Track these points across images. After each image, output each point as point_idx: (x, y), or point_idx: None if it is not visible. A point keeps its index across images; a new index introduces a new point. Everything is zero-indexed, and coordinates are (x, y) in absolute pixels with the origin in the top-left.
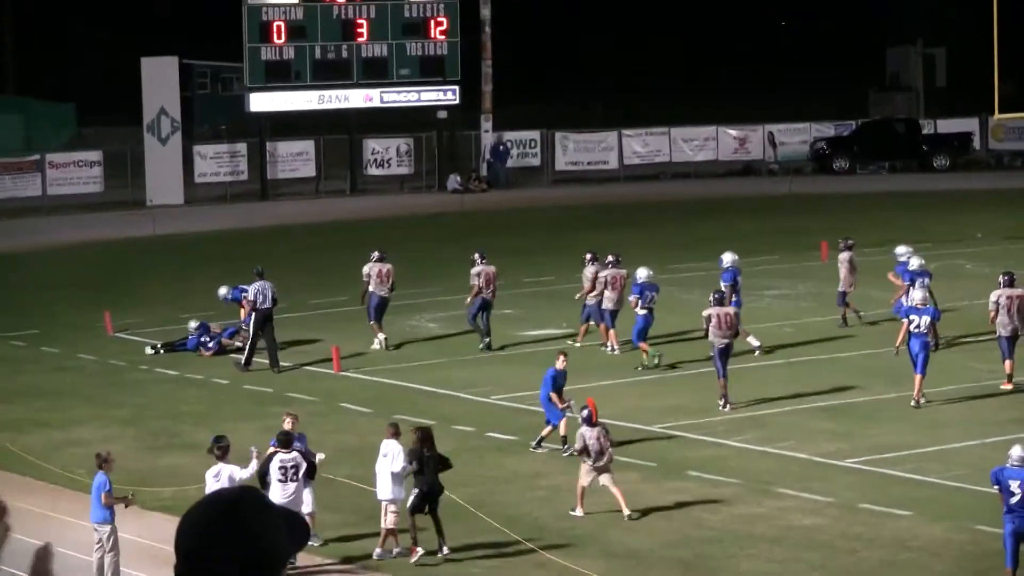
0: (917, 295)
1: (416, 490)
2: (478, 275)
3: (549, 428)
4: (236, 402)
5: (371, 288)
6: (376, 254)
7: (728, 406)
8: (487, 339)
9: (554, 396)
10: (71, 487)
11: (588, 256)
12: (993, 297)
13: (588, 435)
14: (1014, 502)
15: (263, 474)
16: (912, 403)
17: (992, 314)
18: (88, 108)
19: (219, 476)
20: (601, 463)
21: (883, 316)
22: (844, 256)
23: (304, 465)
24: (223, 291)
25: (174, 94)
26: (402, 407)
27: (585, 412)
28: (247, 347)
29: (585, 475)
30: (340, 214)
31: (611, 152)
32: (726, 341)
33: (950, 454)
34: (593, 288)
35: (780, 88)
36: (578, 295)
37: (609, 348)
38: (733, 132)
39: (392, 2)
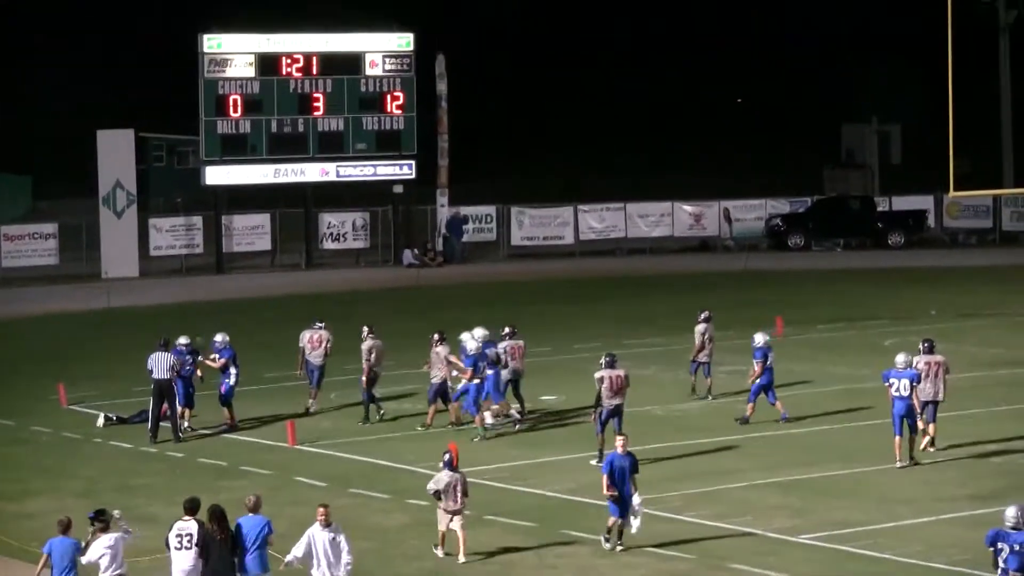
0: (900, 358)
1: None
2: (368, 350)
3: (612, 520)
4: (190, 475)
5: (306, 355)
6: (315, 323)
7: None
8: (380, 411)
9: (608, 485)
10: (23, 558)
11: (436, 337)
12: (914, 363)
13: (445, 478)
14: (1006, 566)
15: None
16: (898, 464)
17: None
18: (44, 180)
19: (114, 547)
20: (455, 509)
21: (838, 391)
22: (701, 328)
23: (195, 537)
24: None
25: (130, 167)
26: (357, 481)
27: (447, 456)
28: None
29: (442, 520)
30: (296, 288)
31: (567, 227)
32: (616, 402)
33: (905, 530)
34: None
35: (736, 164)
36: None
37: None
38: (689, 208)
39: (348, 76)
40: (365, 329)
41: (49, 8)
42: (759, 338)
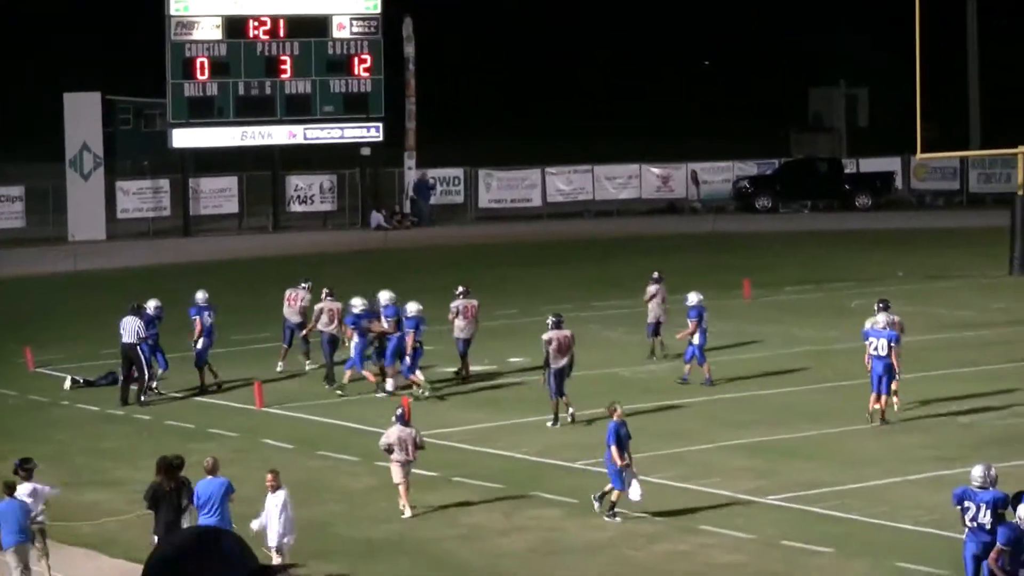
0: (880, 318)
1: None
2: (319, 311)
3: (617, 492)
4: (157, 438)
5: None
6: (302, 282)
7: (558, 423)
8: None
9: (615, 452)
10: None
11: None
12: (878, 321)
13: (396, 433)
14: (974, 524)
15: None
16: (872, 423)
17: (870, 352)
18: (9, 143)
19: (33, 494)
20: (404, 461)
21: (805, 353)
22: (653, 288)
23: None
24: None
25: (97, 130)
26: (324, 444)
27: (399, 411)
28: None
29: (396, 473)
30: (263, 250)
31: (534, 190)
32: (562, 363)
33: (871, 491)
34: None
35: (703, 127)
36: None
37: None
38: (656, 170)
39: (315, 39)
40: (324, 291)
41: None
42: (693, 297)
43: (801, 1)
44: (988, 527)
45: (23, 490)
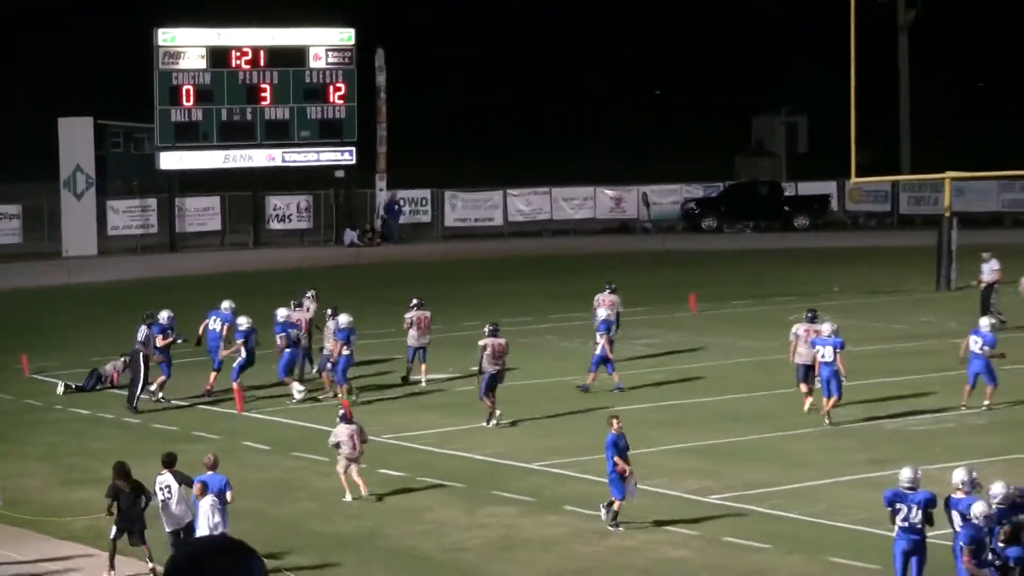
0: (825, 327)
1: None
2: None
3: (618, 502)
4: (144, 440)
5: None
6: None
7: (493, 422)
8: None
9: (619, 461)
10: None
11: (329, 312)
12: (793, 329)
13: (343, 431)
14: (905, 523)
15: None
16: (826, 422)
17: (792, 344)
18: (7, 165)
19: None
20: (352, 456)
21: (748, 363)
22: (608, 299)
23: (170, 486)
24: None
25: (89, 152)
26: (299, 446)
27: (341, 412)
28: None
29: (340, 464)
30: (244, 266)
31: (496, 210)
32: (496, 367)
33: (808, 491)
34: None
35: (654, 152)
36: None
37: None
38: (610, 192)
39: (293, 69)
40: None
41: (10, 2)
42: (602, 312)
43: (745, 35)
44: (919, 526)
45: None
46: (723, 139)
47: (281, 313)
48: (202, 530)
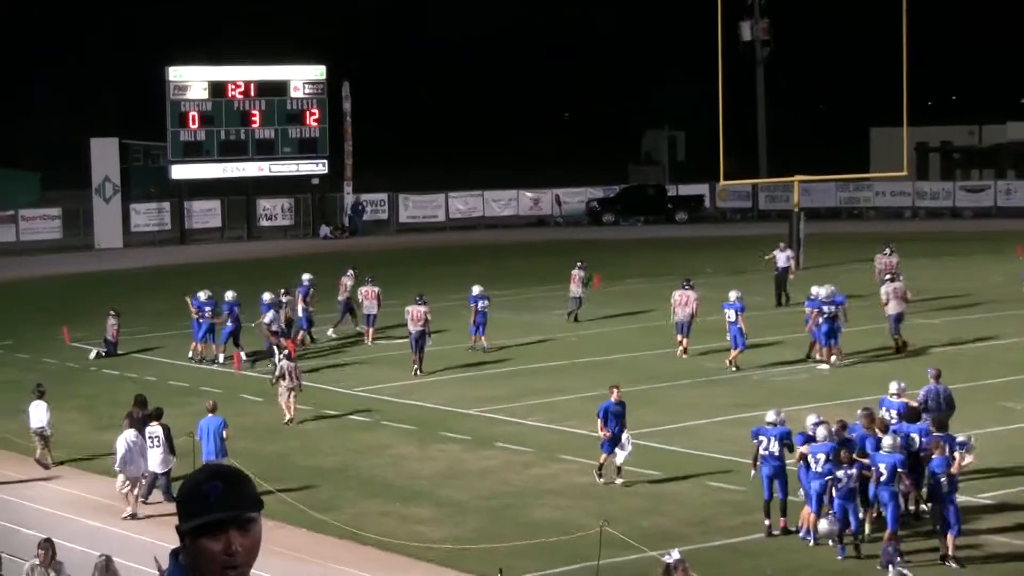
0: (732, 295)
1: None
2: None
3: (604, 456)
4: (162, 393)
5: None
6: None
7: (417, 372)
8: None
9: (600, 423)
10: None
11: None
12: (673, 295)
13: (286, 365)
14: (766, 452)
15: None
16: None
17: (672, 306)
18: (50, 176)
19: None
20: (291, 386)
21: (639, 328)
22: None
23: (163, 437)
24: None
25: (115, 166)
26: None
27: (286, 351)
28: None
29: (281, 394)
30: (239, 255)
31: (440, 209)
32: (418, 329)
33: (689, 429)
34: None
35: (564, 161)
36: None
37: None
38: (530, 194)
39: (278, 98)
40: (282, 290)
41: (51, 43)
42: (476, 288)
43: (636, 69)
44: (777, 454)
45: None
46: (618, 151)
47: (229, 295)
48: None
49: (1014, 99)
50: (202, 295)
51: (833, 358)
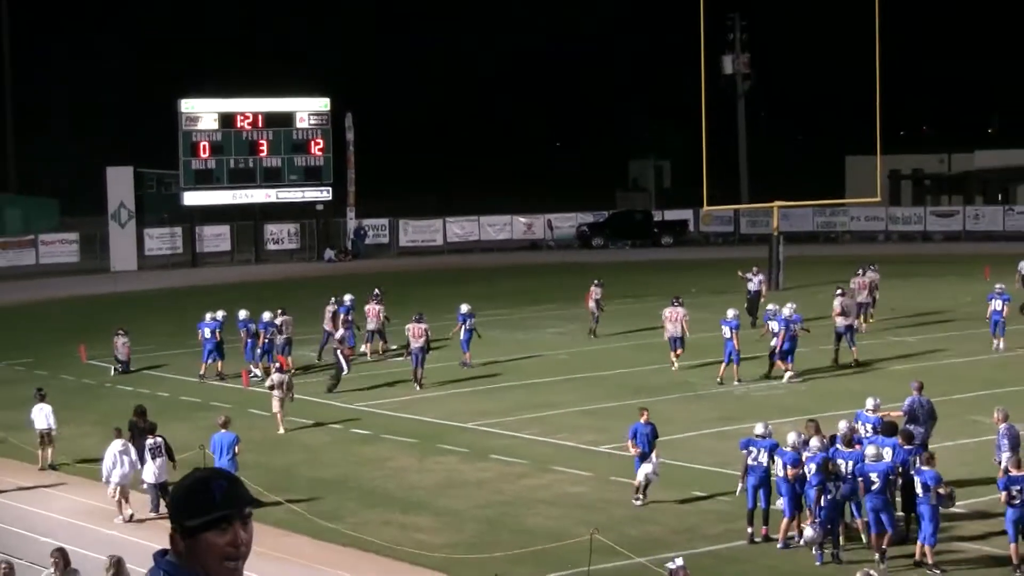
0: (729, 312)
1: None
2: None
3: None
4: (174, 408)
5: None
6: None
7: (418, 387)
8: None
9: (633, 444)
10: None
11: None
12: (664, 312)
13: (277, 377)
14: (755, 463)
15: (140, 452)
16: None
17: (664, 322)
18: (69, 202)
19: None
20: (283, 397)
21: (629, 346)
22: (594, 291)
23: (163, 447)
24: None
25: (130, 193)
26: (291, 411)
27: (277, 365)
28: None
29: (275, 402)
30: (248, 277)
31: (438, 233)
32: (418, 345)
33: (675, 442)
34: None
35: (556, 188)
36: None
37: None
38: (523, 219)
39: (284, 128)
40: (279, 311)
41: (68, 78)
42: (464, 307)
43: (623, 99)
44: (765, 464)
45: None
46: (608, 179)
47: (242, 313)
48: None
49: (981, 129)
50: (242, 314)
51: (788, 374)
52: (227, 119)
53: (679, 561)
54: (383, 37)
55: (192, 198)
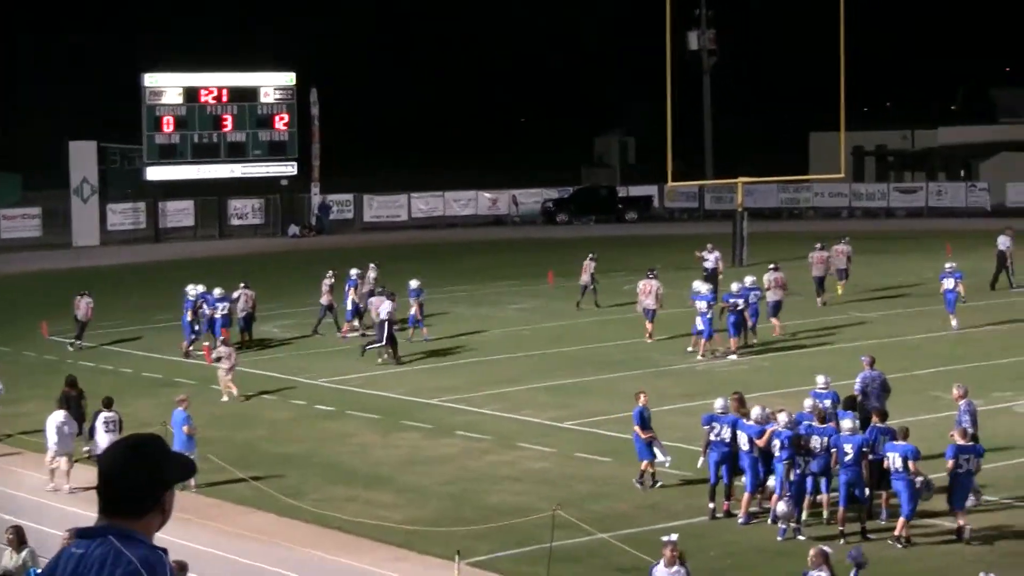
0: (703, 288)
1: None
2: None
3: (645, 463)
4: (136, 384)
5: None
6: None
7: (380, 359)
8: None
9: (638, 429)
10: (21, 445)
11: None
12: (639, 284)
13: (224, 350)
14: (717, 439)
15: (91, 428)
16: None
17: (639, 295)
18: (31, 177)
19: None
20: (229, 366)
21: (592, 322)
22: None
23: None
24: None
25: (93, 167)
26: (254, 387)
27: (222, 339)
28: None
29: (223, 375)
30: (212, 252)
31: (403, 209)
32: (382, 318)
33: None
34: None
35: (521, 163)
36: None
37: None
38: (488, 195)
39: (248, 103)
40: (241, 284)
41: (32, 50)
42: (413, 283)
43: (590, 77)
44: (728, 440)
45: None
46: (572, 154)
47: (191, 291)
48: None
49: (945, 106)
50: (217, 291)
51: (733, 355)
52: (191, 93)
53: (673, 536)
54: (348, 12)
55: (156, 173)
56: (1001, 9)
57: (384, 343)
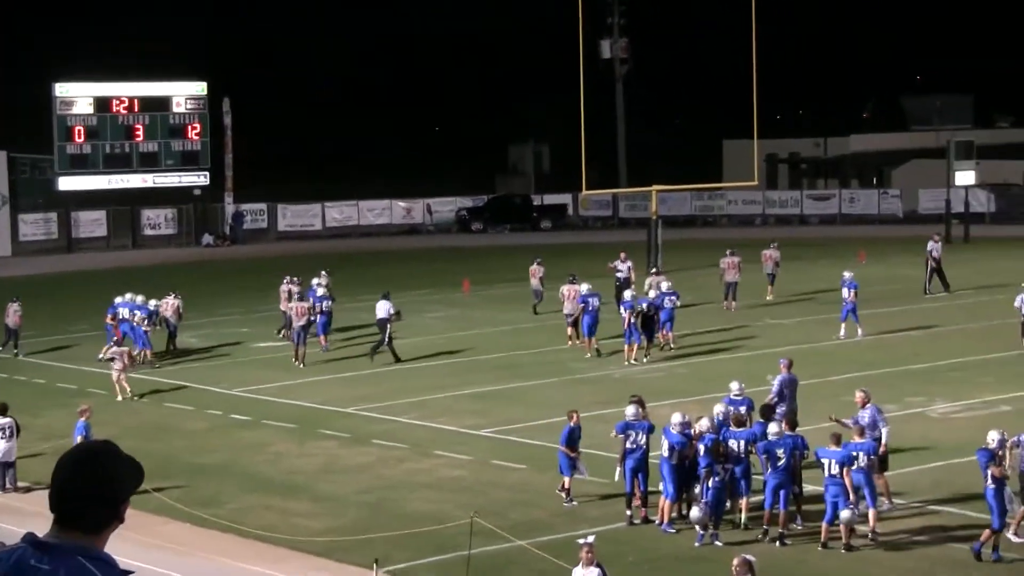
0: (627, 294)
1: None
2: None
3: (567, 479)
4: (52, 395)
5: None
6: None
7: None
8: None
9: (564, 449)
10: None
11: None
12: (561, 289)
13: (116, 351)
14: (633, 446)
15: None
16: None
17: (562, 300)
18: None
19: None
20: (122, 367)
21: (508, 330)
22: (535, 269)
23: (14, 428)
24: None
25: (3, 178)
26: (170, 398)
27: (115, 339)
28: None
29: (115, 375)
30: (125, 263)
31: (317, 218)
32: (301, 324)
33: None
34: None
35: (435, 172)
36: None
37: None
38: (402, 203)
39: (160, 113)
40: (171, 294)
41: None
42: (319, 290)
43: (503, 86)
44: (644, 447)
45: None
46: (487, 163)
47: (128, 297)
48: None
49: (856, 114)
50: (139, 299)
51: (645, 357)
52: (102, 103)
53: (590, 539)
54: (260, 20)
55: (67, 183)
56: (911, 19)
57: (386, 343)
